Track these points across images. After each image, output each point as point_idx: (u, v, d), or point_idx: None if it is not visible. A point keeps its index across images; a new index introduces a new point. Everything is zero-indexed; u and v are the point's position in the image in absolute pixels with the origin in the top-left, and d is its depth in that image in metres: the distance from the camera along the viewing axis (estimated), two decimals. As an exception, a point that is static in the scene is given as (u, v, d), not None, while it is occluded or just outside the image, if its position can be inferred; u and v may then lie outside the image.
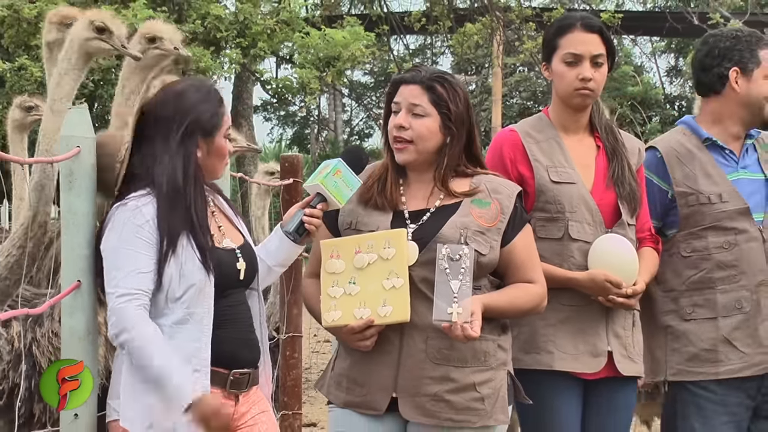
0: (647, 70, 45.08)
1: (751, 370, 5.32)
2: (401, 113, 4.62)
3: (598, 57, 5.08)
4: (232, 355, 4.42)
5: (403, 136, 4.61)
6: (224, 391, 4.40)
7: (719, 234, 5.34)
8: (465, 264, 4.39)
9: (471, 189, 4.65)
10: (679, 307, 5.39)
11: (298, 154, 8.32)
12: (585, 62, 5.07)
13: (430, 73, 4.68)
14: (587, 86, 5.06)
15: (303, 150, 45.09)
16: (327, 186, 4.49)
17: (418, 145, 4.61)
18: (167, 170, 4.33)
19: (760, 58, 5.41)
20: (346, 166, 4.53)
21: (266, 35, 18.62)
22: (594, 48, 5.08)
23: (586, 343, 5.01)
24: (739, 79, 5.42)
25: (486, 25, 19.58)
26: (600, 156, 5.17)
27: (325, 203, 4.54)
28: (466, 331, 4.35)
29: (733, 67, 5.43)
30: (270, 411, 4.63)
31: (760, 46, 5.43)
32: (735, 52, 5.45)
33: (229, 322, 4.42)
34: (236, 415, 4.46)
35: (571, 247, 5.03)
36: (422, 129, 4.60)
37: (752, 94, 5.41)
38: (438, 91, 4.61)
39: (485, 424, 4.55)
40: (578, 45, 5.09)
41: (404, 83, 4.67)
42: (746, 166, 5.47)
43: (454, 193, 4.63)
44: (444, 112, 4.60)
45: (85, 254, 4.38)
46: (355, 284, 4.53)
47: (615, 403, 5.13)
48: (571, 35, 5.11)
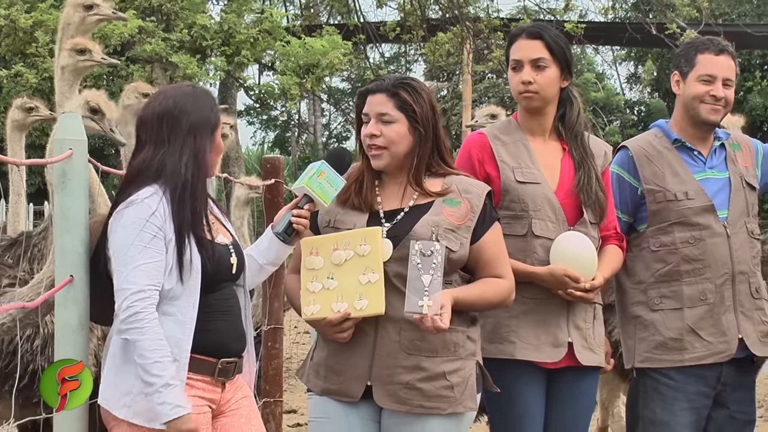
0: (608, 77, 45.26)
1: (714, 358, 5.33)
2: (371, 123, 4.64)
3: (539, 60, 5.09)
4: (222, 346, 4.43)
5: (376, 143, 4.63)
6: (212, 379, 4.40)
7: (685, 229, 5.36)
8: (436, 260, 4.41)
9: (443, 189, 4.66)
10: (648, 299, 5.40)
11: (280, 156, 8.34)
12: (525, 67, 5.10)
13: (394, 81, 4.71)
14: (528, 89, 5.09)
15: (284, 152, 45.06)
16: (312, 187, 4.50)
17: (391, 149, 4.62)
18: (180, 167, 4.33)
19: (696, 61, 5.43)
20: (329, 168, 4.54)
21: (249, 44, 18.62)
22: (532, 53, 5.10)
23: (547, 334, 5.02)
24: (679, 82, 5.47)
25: (457, 34, 19.60)
26: (565, 158, 5.17)
27: (311, 204, 4.55)
28: (435, 322, 4.37)
29: (674, 72, 5.49)
30: (251, 396, 4.65)
31: (701, 50, 5.44)
32: (678, 58, 5.52)
33: (220, 313, 4.43)
34: (222, 401, 4.48)
35: (534, 243, 5.03)
36: (392, 134, 4.61)
37: (686, 95, 5.44)
38: (402, 96, 4.63)
39: (454, 411, 4.57)
40: (519, 51, 5.14)
41: (370, 93, 4.69)
42: (713, 166, 5.49)
43: (428, 192, 4.65)
44: (410, 115, 4.63)
45: (77, 251, 4.37)
46: (333, 279, 4.54)
47: (576, 391, 5.13)
48: (515, 44, 5.17)
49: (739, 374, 5.43)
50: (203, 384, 4.38)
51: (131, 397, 4.25)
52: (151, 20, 17.54)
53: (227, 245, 4.52)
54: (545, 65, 5.10)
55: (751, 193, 5.50)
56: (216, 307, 4.42)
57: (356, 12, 22.05)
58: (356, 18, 21.80)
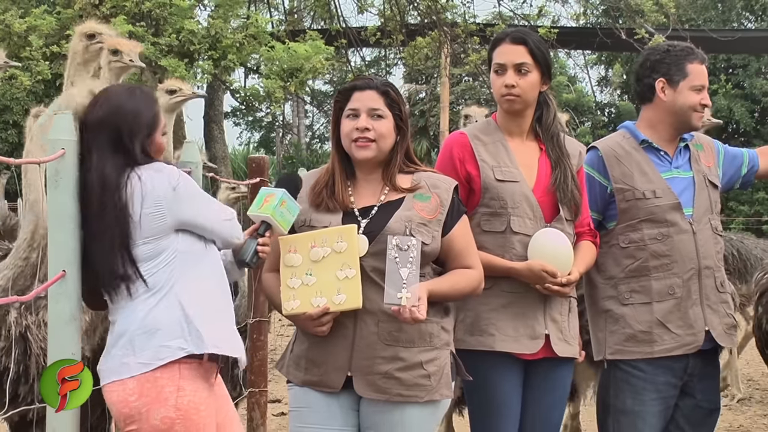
0: (580, 80, 45.32)
1: (682, 350, 5.35)
2: (362, 117, 4.66)
3: (522, 65, 5.10)
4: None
5: (367, 136, 4.64)
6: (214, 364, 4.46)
7: (653, 226, 5.37)
8: (413, 254, 4.45)
9: (413, 185, 4.70)
10: (618, 293, 5.41)
11: (265, 155, 8.32)
12: (509, 71, 5.11)
13: (381, 81, 4.77)
14: (511, 92, 5.10)
15: (269, 152, 45.05)
16: (275, 217, 4.52)
17: (380, 143, 4.65)
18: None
19: (687, 71, 5.42)
20: (289, 196, 4.56)
21: (235, 48, 18.57)
22: (516, 57, 5.11)
23: (525, 326, 5.03)
24: (666, 89, 5.45)
25: (435, 39, 19.60)
26: (542, 157, 5.18)
27: (271, 230, 4.56)
28: (413, 313, 4.40)
29: (659, 78, 5.46)
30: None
31: (689, 60, 5.44)
32: (663, 65, 5.47)
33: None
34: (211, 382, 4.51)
35: (512, 239, 5.04)
36: (383, 129, 4.65)
37: (678, 103, 5.43)
38: (391, 95, 4.69)
39: (431, 399, 4.59)
40: (503, 55, 5.14)
41: (358, 90, 4.70)
42: (679, 165, 5.50)
43: (399, 189, 4.68)
44: (396, 114, 4.68)
45: (70, 246, 4.36)
46: (312, 275, 4.56)
47: (552, 381, 5.15)
48: (499, 48, 5.17)
49: (704, 365, 5.46)
50: (212, 369, 4.44)
51: (236, 336, 4.44)
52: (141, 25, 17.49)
53: None
54: (528, 70, 5.10)
55: (713, 192, 5.52)
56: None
57: (338, 17, 22.03)
58: (338, 23, 21.79)
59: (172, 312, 4.31)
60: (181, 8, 18.15)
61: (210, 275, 4.44)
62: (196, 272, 4.37)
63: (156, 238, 4.30)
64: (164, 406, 4.21)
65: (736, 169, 5.72)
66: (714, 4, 40.36)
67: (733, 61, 38.20)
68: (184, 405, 4.24)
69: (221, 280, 4.51)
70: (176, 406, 4.23)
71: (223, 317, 4.46)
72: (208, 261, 4.45)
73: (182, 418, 4.23)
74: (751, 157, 5.76)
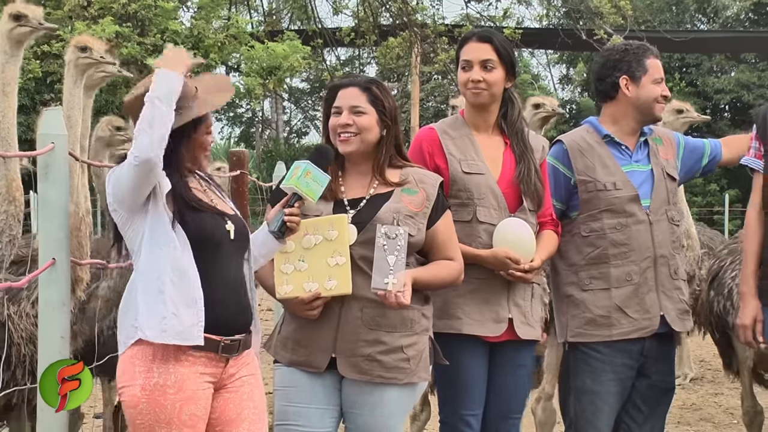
0: (543, 78, 45.42)
1: (638, 333, 5.37)
2: (344, 114, 4.66)
3: (488, 62, 5.11)
4: (227, 322, 4.27)
5: (350, 131, 4.65)
6: (216, 355, 4.24)
7: (613, 217, 5.38)
8: (400, 242, 4.49)
9: (401, 180, 4.72)
10: (579, 279, 5.42)
11: (245, 149, 8.34)
12: (475, 67, 5.12)
13: (366, 78, 4.78)
14: (477, 87, 5.11)
15: (249, 146, 44.87)
16: (300, 186, 4.43)
17: (362, 135, 4.65)
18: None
19: (647, 66, 5.46)
20: (315, 167, 4.47)
21: (217, 47, 18.56)
22: (482, 54, 5.12)
23: (490, 311, 5.05)
24: (629, 85, 5.47)
25: (406, 39, 19.60)
26: (507, 151, 5.19)
27: (301, 201, 4.48)
28: (399, 298, 4.45)
29: (622, 76, 5.47)
30: (257, 374, 4.48)
31: (647, 56, 5.48)
32: (624, 63, 5.48)
33: (223, 285, 4.29)
34: (225, 376, 4.31)
35: (478, 228, 5.06)
36: (365, 122, 4.65)
37: (642, 97, 5.45)
38: (374, 91, 4.68)
39: (410, 381, 4.62)
40: (470, 53, 5.15)
41: (342, 87, 4.71)
42: (638, 159, 5.51)
43: (388, 182, 4.69)
44: (380, 109, 4.67)
45: (58, 236, 4.38)
46: (304, 262, 4.57)
47: (515, 362, 5.17)
48: (466, 46, 5.19)
49: (659, 348, 5.47)
50: (205, 359, 4.22)
51: (166, 321, 4.12)
52: (127, 26, 17.45)
53: (222, 212, 4.38)
54: (493, 66, 5.11)
55: (671, 184, 5.54)
56: (217, 277, 4.26)
57: (314, 19, 22.00)
58: (314, 24, 21.76)
59: (130, 291, 4.24)
60: (165, 10, 18.13)
61: (167, 257, 4.18)
62: (154, 253, 4.20)
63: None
64: (133, 385, 4.12)
65: (696, 160, 5.74)
66: (669, 6, 40.53)
67: (687, 61, 38.35)
68: (150, 386, 4.12)
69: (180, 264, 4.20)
70: (142, 386, 4.11)
71: (169, 300, 4.15)
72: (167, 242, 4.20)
73: (147, 398, 4.11)
74: (713, 147, 5.77)
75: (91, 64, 5.83)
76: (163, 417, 4.13)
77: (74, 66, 5.79)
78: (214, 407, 4.30)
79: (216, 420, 4.33)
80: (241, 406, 4.36)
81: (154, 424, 4.14)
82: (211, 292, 4.21)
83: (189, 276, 4.17)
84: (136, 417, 4.15)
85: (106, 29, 16.25)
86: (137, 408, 4.13)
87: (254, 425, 4.39)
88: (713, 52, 35.82)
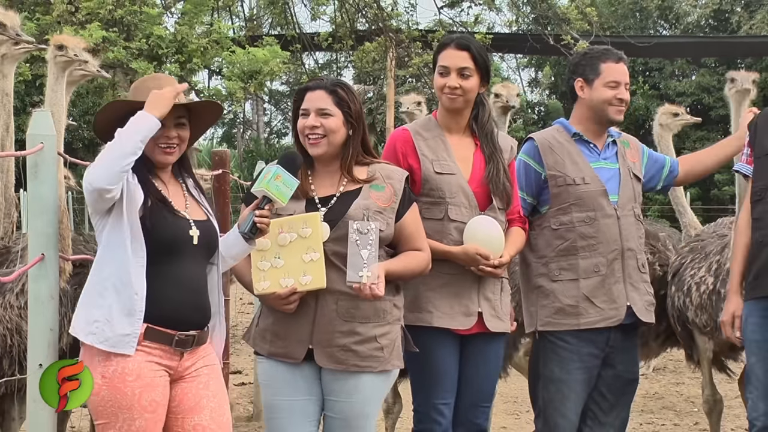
0: (512, 81, 45.40)
1: (605, 323, 5.40)
2: (311, 116, 4.66)
3: (465, 69, 5.12)
4: (179, 317, 4.33)
5: (317, 132, 4.66)
6: (170, 348, 4.29)
7: (581, 210, 5.41)
8: (372, 237, 4.52)
9: (369, 176, 4.73)
10: (549, 270, 5.45)
11: (227, 149, 8.35)
12: (452, 74, 5.13)
13: (332, 81, 4.76)
14: (453, 93, 5.12)
15: (231, 146, 44.83)
16: (270, 190, 4.42)
17: (329, 137, 4.66)
18: None
19: (600, 70, 5.48)
20: (284, 170, 4.47)
21: (200, 52, 18.49)
22: (460, 62, 5.12)
23: (460, 304, 5.07)
24: (584, 87, 5.50)
25: (381, 44, 19.57)
26: (477, 152, 5.21)
27: (271, 204, 4.47)
28: (373, 290, 4.48)
29: (577, 78, 5.51)
30: (214, 365, 4.50)
31: (603, 59, 5.51)
32: (580, 67, 5.55)
33: (178, 285, 4.33)
34: (180, 368, 4.36)
35: (449, 226, 5.08)
36: (331, 124, 4.65)
37: (594, 99, 5.49)
38: (340, 93, 4.68)
39: (384, 369, 4.67)
40: (448, 59, 5.15)
41: (309, 90, 4.71)
42: (606, 157, 5.56)
43: (357, 180, 4.70)
44: (346, 111, 4.68)
45: (47, 232, 4.38)
46: (280, 259, 4.59)
47: (485, 354, 5.19)
48: (444, 52, 5.19)
49: (624, 338, 5.51)
50: (161, 352, 4.27)
51: (97, 325, 4.17)
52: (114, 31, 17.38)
53: (188, 219, 4.40)
54: (470, 74, 5.13)
55: (637, 184, 5.60)
56: (173, 277, 4.30)
57: (293, 24, 21.98)
58: (293, 29, 21.74)
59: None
60: (150, 15, 18.08)
61: (117, 264, 4.21)
62: (107, 256, 4.26)
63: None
64: (94, 373, 4.13)
65: (658, 170, 5.79)
66: (632, 13, 40.61)
67: (650, 65, 38.44)
68: (109, 374, 4.16)
69: (127, 275, 4.20)
70: (102, 374, 4.15)
71: (106, 305, 4.19)
72: (121, 250, 4.21)
73: (107, 385, 4.15)
74: (672, 164, 5.85)
75: (68, 62, 5.87)
76: (124, 403, 4.18)
77: (54, 64, 5.86)
78: (173, 396, 4.35)
79: (176, 408, 4.37)
80: (199, 395, 4.40)
81: (116, 410, 4.18)
82: (167, 289, 4.27)
83: (133, 287, 4.19)
84: (98, 404, 4.20)
85: (93, 34, 16.17)
86: (99, 395, 4.18)
87: (215, 412, 4.43)
88: (675, 56, 35.88)
